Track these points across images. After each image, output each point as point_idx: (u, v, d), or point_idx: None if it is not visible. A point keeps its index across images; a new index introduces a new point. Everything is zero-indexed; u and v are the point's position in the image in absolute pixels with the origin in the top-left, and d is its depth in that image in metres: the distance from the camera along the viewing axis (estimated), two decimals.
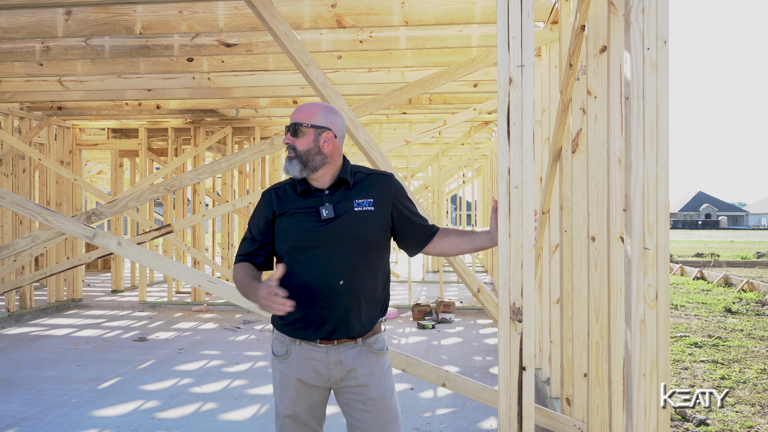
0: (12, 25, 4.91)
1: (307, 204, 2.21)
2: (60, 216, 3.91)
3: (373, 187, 2.26)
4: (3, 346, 6.96)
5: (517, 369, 2.23)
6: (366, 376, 2.23)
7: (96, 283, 12.96)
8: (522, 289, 2.21)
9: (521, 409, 2.23)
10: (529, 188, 2.20)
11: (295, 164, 2.19)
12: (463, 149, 12.85)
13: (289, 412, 2.24)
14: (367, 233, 2.20)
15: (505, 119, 2.18)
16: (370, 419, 2.24)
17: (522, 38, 2.15)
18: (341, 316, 2.18)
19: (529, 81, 2.17)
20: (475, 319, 8.63)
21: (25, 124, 8.87)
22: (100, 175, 18.11)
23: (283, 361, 2.24)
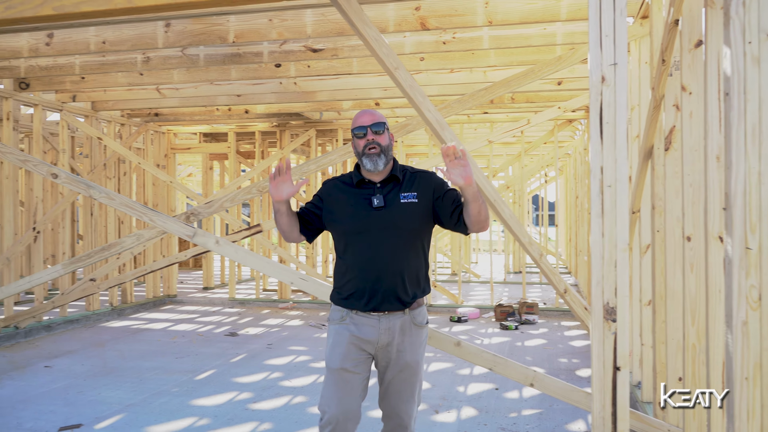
0: (118, 38, 5.26)
1: (361, 193, 2.59)
2: (163, 216, 4.17)
3: (416, 183, 2.61)
4: (108, 338, 7.45)
5: (611, 369, 2.22)
6: (405, 343, 2.58)
7: (188, 280, 13.60)
8: (616, 289, 2.20)
9: (615, 410, 2.21)
10: (623, 187, 2.18)
11: (382, 158, 2.56)
12: (545, 148, 12.63)
13: (337, 366, 2.55)
14: (411, 221, 2.55)
15: (598, 118, 2.17)
16: (402, 380, 2.60)
17: (615, 36, 2.14)
18: (388, 291, 2.52)
19: (623, 79, 2.15)
20: (559, 321, 8.48)
21: (125, 130, 9.45)
22: (190, 177, 18.99)
23: (340, 323, 2.59)
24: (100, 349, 6.82)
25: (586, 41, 4.93)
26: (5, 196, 7.43)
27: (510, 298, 10.52)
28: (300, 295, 10.66)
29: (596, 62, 2.15)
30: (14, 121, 7.33)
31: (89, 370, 5.87)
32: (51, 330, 7.75)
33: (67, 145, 8.31)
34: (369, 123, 2.56)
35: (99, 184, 7.86)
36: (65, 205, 8.06)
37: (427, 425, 4.32)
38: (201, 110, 9.14)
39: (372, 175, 2.60)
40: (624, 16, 2.12)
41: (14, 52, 5.58)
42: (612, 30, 2.12)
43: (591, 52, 2.15)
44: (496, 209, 3.87)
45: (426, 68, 6.12)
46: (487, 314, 8.96)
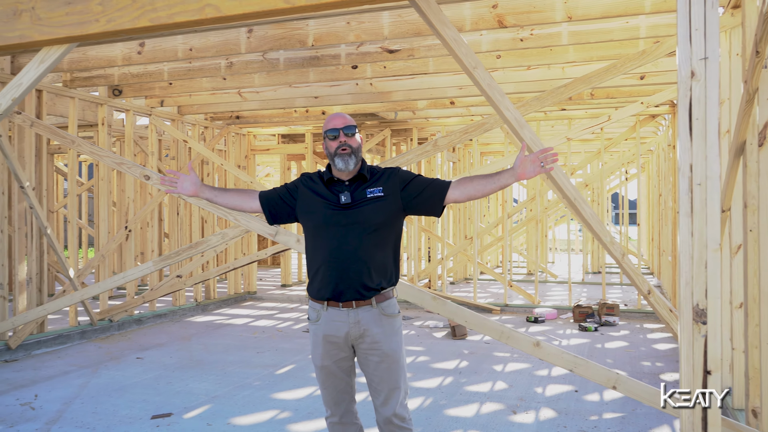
0: (203, 45, 5.50)
1: (330, 191, 2.75)
2: (247, 215, 4.33)
3: (383, 179, 2.77)
4: (193, 332, 7.79)
5: (701, 373, 2.15)
6: (379, 334, 2.70)
7: (266, 278, 14.00)
8: (706, 290, 2.13)
9: (706, 415, 2.14)
10: (714, 185, 2.12)
11: (352, 159, 2.72)
12: (625, 145, 12.23)
13: (319, 363, 2.78)
14: (376, 216, 2.69)
15: (687, 114, 2.11)
16: (384, 369, 2.72)
17: (705, 29, 2.07)
18: (353, 282, 2.67)
19: (714, 74, 2.08)
20: (641, 323, 8.21)
21: (208, 133, 9.84)
22: (268, 177, 19.52)
23: (315, 323, 2.77)
24: (186, 343, 7.14)
25: (672, 34, 4.76)
26: (101, 196, 7.89)
27: (589, 298, 10.26)
28: None
29: (685, 57, 2.08)
30: (107, 126, 7.77)
31: (177, 362, 6.16)
32: (141, 323, 8.17)
33: (155, 147, 8.73)
34: (341, 126, 2.74)
35: None
36: (154, 205, 8.47)
37: (505, 425, 4.30)
38: (279, 112, 9.40)
39: (341, 174, 2.76)
40: (716, 8, 2.05)
41: (109, 60, 5.92)
42: (702, 23, 2.05)
43: (680, 46, 2.09)
44: (576, 208, 3.80)
45: (502, 66, 6.07)
46: (564, 315, 8.78)
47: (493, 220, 14.52)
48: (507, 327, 3.65)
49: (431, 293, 3.87)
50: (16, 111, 6.26)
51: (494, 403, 4.82)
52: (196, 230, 9.45)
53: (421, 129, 10.56)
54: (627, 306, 9.24)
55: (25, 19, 3.37)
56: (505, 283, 9.34)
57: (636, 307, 8.90)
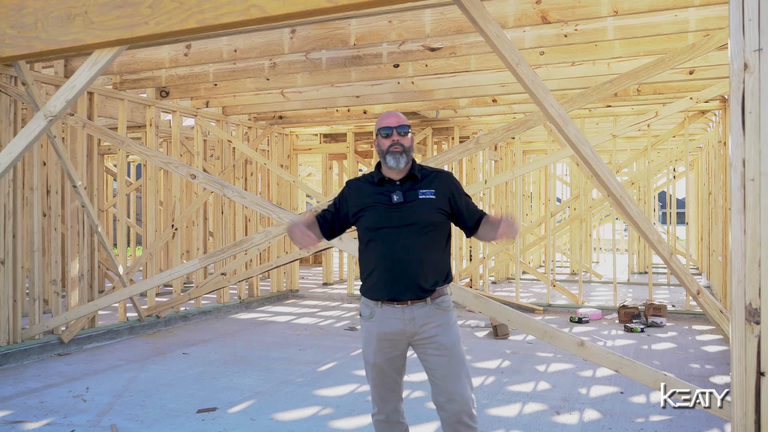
0: (248, 46, 5.59)
1: (382, 191, 2.76)
2: (290, 213, 4.38)
3: (435, 181, 2.79)
4: (237, 329, 7.92)
5: (754, 374, 2.09)
6: (435, 327, 2.72)
7: (308, 276, 14.14)
8: (760, 289, 2.06)
9: (759, 418, 2.08)
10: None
11: (404, 158, 2.74)
12: (674, 142, 11.93)
13: (371, 360, 2.78)
14: (428, 216, 2.71)
15: (740, 107, 2.05)
16: (444, 362, 2.72)
17: (760, 19, 2.01)
18: (409, 282, 2.68)
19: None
20: (690, 325, 8.00)
21: (252, 133, 9.99)
22: (310, 177, 19.72)
23: (369, 320, 2.78)
24: (230, 339, 7.27)
25: (723, 26, 4.62)
26: (148, 196, 8.10)
27: (634, 299, 10.05)
28: None
29: (738, 48, 2.02)
30: (155, 127, 7.97)
31: (221, 358, 6.28)
32: (187, 320, 8.35)
33: (201, 148, 8.91)
34: (395, 124, 2.76)
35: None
36: (199, 204, 8.65)
37: (548, 426, 4.24)
38: (321, 112, 9.48)
39: (392, 173, 2.77)
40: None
41: (157, 63, 6.07)
42: (756, 13, 1.98)
43: (732, 37, 2.03)
44: (622, 205, 3.73)
45: (545, 62, 5.99)
46: (609, 316, 8.62)
47: (535, 219, 14.34)
48: (551, 326, 3.60)
49: (474, 292, 3.85)
50: (69, 113, 6.48)
51: (537, 403, 4.77)
52: (240, 229, 9.61)
53: (463, 127, 10.51)
54: (675, 307, 9.01)
55: (78, 23, 3.48)
56: (548, 283, 9.22)
57: (684, 308, 8.67)
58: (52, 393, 5.09)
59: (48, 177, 7.16)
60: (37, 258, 6.50)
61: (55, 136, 6.10)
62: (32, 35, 3.67)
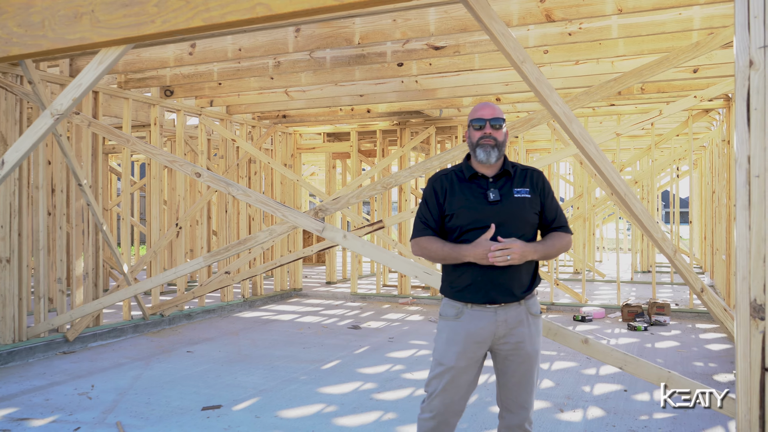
0: (252, 44, 5.60)
1: (474, 188, 2.62)
2: (294, 212, 4.40)
3: (528, 179, 2.67)
4: (241, 327, 7.94)
5: (759, 370, 2.10)
6: (525, 333, 2.58)
7: (312, 275, 14.15)
8: (765, 285, 2.07)
9: (764, 413, 2.09)
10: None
11: (495, 151, 2.61)
12: (677, 141, 11.92)
13: (452, 363, 2.56)
14: (525, 214, 2.58)
15: (745, 104, 2.06)
16: (524, 370, 2.60)
17: (765, 16, 2.02)
18: (507, 283, 2.54)
19: None
20: (693, 323, 8.00)
21: (255, 132, 10.01)
22: (313, 176, 19.74)
23: (455, 320, 2.59)
24: (234, 338, 7.29)
25: (727, 24, 4.63)
26: (153, 194, 8.13)
27: (638, 298, 10.05)
28: (419, 291, 10.79)
29: (743, 45, 2.03)
30: (159, 126, 7.99)
31: (226, 357, 6.30)
32: (191, 318, 8.38)
33: (205, 147, 8.93)
34: (489, 117, 2.61)
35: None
36: (203, 203, 8.67)
37: (552, 423, 4.25)
38: (325, 111, 9.50)
39: (484, 168, 2.63)
40: None
41: (162, 62, 6.09)
42: (762, 10, 1.99)
43: (737, 34, 2.04)
44: (627, 203, 3.74)
45: (550, 61, 6.00)
46: (613, 314, 8.62)
47: None
48: (554, 324, 3.61)
49: None
50: (75, 111, 6.50)
51: (540, 401, 4.78)
52: (244, 228, 9.63)
53: (466, 126, 10.50)
54: (678, 305, 9.01)
55: (84, 21, 3.50)
56: (551, 281, 9.23)
57: (688, 307, 8.67)
58: (57, 390, 5.11)
59: (53, 176, 7.19)
60: (43, 256, 6.53)
61: (61, 134, 6.12)
62: (39, 34, 3.69)
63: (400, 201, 10.48)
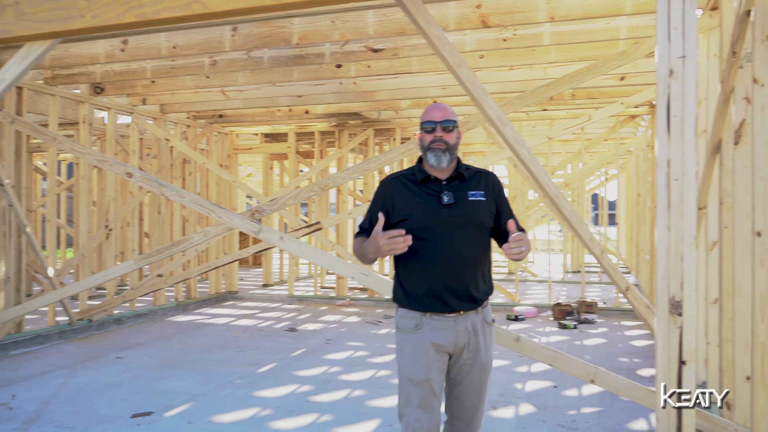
0: (188, 42, 5.48)
1: (427, 191, 2.52)
2: (230, 213, 4.33)
3: (482, 181, 2.58)
4: (174, 332, 7.75)
5: (677, 363, 2.21)
6: (481, 342, 2.53)
7: (248, 277, 13.95)
8: (682, 283, 2.19)
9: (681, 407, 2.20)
10: (690, 180, 2.17)
11: (447, 155, 2.51)
12: (605, 146, 12.38)
13: (423, 377, 2.44)
14: (480, 217, 2.50)
15: (665, 111, 2.17)
16: (479, 380, 2.53)
17: (684, 29, 2.13)
18: (464, 289, 2.46)
19: (692, 72, 2.14)
20: (619, 321, 8.33)
21: (190, 132, 9.79)
22: (250, 177, 19.45)
23: (416, 332, 2.48)
24: (167, 342, 7.11)
25: (651, 35, 4.85)
26: (81, 195, 7.83)
27: (568, 297, 10.38)
28: (357, 293, 10.80)
29: (664, 55, 2.14)
30: (88, 124, 7.71)
31: (158, 362, 6.13)
32: (121, 323, 8.11)
33: (137, 146, 8.67)
34: (440, 119, 2.51)
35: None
36: (135, 204, 8.42)
37: (486, 420, 4.34)
38: (263, 111, 9.39)
39: (437, 171, 2.53)
40: (693, 7, 2.11)
41: (92, 58, 5.88)
42: (681, 22, 2.11)
43: (659, 44, 2.14)
44: (557, 205, 3.87)
45: (485, 66, 6.13)
46: (544, 313, 8.87)
47: None
48: None
49: None
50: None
51: None
52: (177, 229, 9.40)
53: (404, 129, 10.60)
54: (605, 304, 9.36)
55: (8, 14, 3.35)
56: None
57: (614, 305, 9.02)
58: None
59: None
60: None
61: None
62: None
63: (338, 203, 10.47)
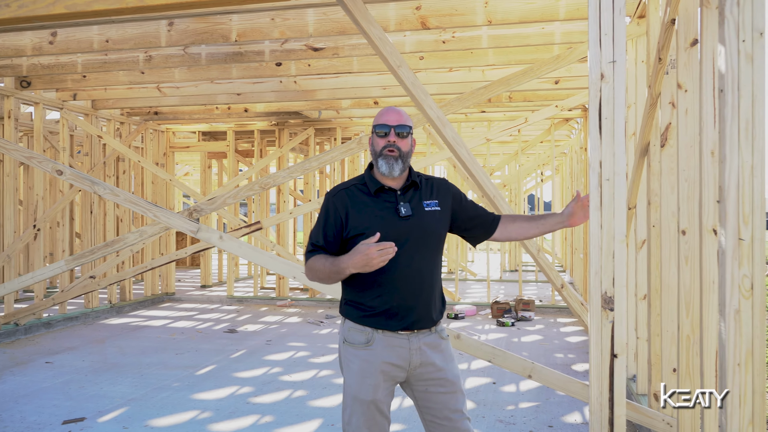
0: (121, 36, 5.32)
1: (382, 202, 2.34)
2: (167, 212, 4.23)
3: (435, 190, 2.44)
4: (108, 335, 7.50)
5: (609, 356, 2.30)
6: (442, 360, 2.37)
7: (185, 278, 13.63)
8: (613, 279, 2.27)
9: (612, 395, 2.29)
10: (621, 180, 2.26)
11: (399, 164, 2.34)
12: (541, 147, 12.73)
13: (370, 397, 2.30)
14: (437, 228, 2.38)
15: (597, 113, 2.25)
16: (448, 399, 2.36)
17: (614, 35, 2.22)
18: (424, 306, 2.34)
19: (621, 76, 2.23)
20: (555, 318, 8.57)
21: (124, 129, 9.49)
22: (187, 176, 19.02)
23: (366, 348, 2.32)
24: (100, 346, 6.87)
25: (584, 40, 5.01)
26: (6, 194, 7.47)
27: (506, 295, 10.61)
28: (297, 293, 10.73)
29: (596, 60, 2.22)
30: (14, 120, 7.37)
31: (90, 366, 5.92)
32: (51, 327, 7.79)
33: (67, 143, 8.35)
34: (394, 123, 2.35)
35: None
36: (65, 203, 8.10)
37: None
38: (200, 109, 9.19)
39: (389, 181, 2.37)
40: (623, 15, 2.20)
41: (17, 50, 5.63)
42: (611, 28, 2.19)
43: (591, 50, 2.22)
44: (496, 206, 3.95)
45: (425, 67, 6.20)
46: (483, 311, 9.04)
47: None
48: None
49: None
50: None
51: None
52: (111, 229, 9.10)
53: (345, 128, 10.60)
54: (542, 302, 9.62)
55: None
56: None
57: (550, 303, 9.28)
58: None
59: None
60: None
61: None
62: None
63: (279, 202, 10.37)
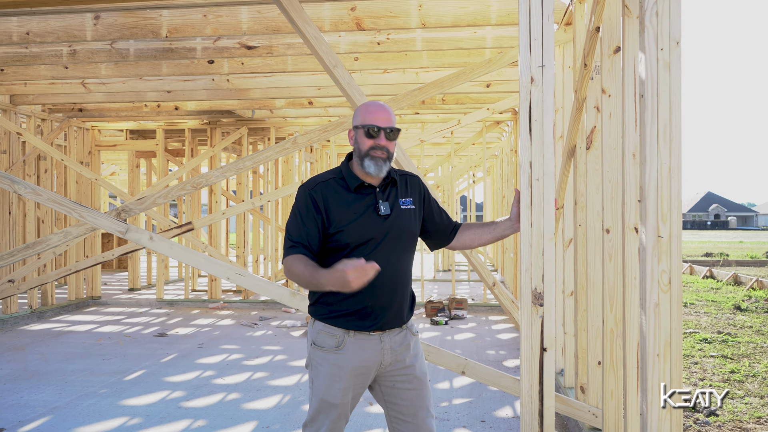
0: (43, 29, 5.10)
1: (362, 199, 2.28)
2: (94, 212, 4.08)
3: (409, 187, 2.40)
4: (28, 341, 7.15)
5: (539, 350, 2.38)
6: (412, 357, 2.37)
7: (112, 282, 13.17)
8: (543, 275, 2.36)
9: (542, 388, 2.37)
10: (550, 181, 2.35)
11: (386, 165, 2.28)
12: (473, 149, 12.99)
13: (338, 401, 2.26)
14: (412, 227, 2.35)
15: (527, 116, 2.33)
16: (415, 396, 2.35)
17: (543, 40, 2.30)
18: (398, 306, 2.32)
19: (550, 80, 2.32)
20: (487, 316, 8.77)
21: (46, 126, 9.08)
22: (113, 176, 18.36)
23: (336, 352, 2.26)
24: (20, 353, 6.56)
25: (515, 45, 5.16)
26: None
27: (440, 294, 10.77)
28: (230, 295, 10.55)
29: (526, 64, 2.30)
30: None
31: (8, 374, 5.64)
32: None
33: None
34: (385, 125, 2.26)
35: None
36: None
37: (362, 416, 4.41)
38: (128, 106, 8.90)
39: (370, 178, 2.30)
40: (551, 21, 2.29)
41: None
42: (540, 34, 2.28)
43: (521, 54, 2.30)
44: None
45: (360, 68, 6.22)
46: (417, 310, 9.15)
47: None
48: None
49: (290, 290, 3.90)
50: None
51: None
52: (32, 231, 8.69)
53: (279, 128, 10.50)
54: (474, 300, 9.82)
55: None
56: None
57: (482, 301, 9.49)
58: None
59: None
60: None
61: None
62: None
63: (211, 203, 10.16)
